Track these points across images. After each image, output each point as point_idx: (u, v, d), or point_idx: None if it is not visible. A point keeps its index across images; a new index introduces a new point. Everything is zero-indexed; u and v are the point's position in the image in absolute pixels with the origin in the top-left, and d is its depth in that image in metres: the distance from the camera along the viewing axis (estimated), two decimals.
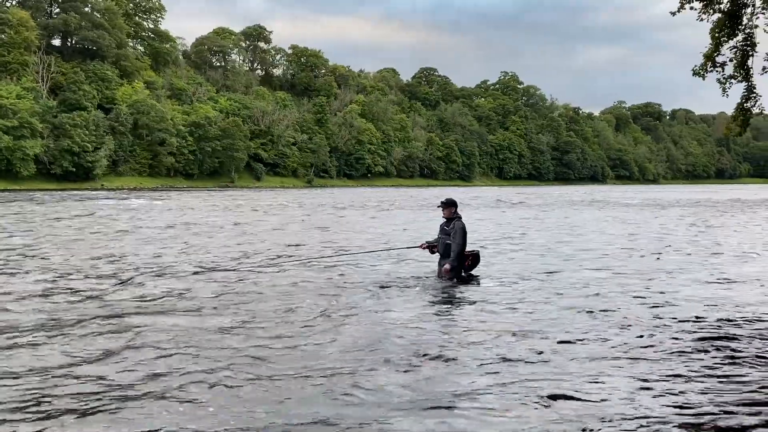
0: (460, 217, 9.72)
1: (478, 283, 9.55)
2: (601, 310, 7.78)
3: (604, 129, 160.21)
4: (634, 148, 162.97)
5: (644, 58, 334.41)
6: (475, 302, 8.25)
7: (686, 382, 5.20)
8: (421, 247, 10.08)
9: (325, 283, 9.50)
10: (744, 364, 5.68)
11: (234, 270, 10.74)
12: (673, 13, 12.09)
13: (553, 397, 4.78)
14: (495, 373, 5.35)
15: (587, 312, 7.70)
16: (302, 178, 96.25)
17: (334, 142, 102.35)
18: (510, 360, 5.69)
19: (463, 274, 9.70)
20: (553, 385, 5.04)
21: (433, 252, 9.99)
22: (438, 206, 9.97)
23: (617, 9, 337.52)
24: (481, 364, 5.56)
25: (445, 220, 9.75)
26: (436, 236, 9.94)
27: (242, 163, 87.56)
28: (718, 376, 5.33)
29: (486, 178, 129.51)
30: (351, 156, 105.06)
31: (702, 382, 5.19)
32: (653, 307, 8.10)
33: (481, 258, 10.19)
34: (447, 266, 9.49)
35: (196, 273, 10.39)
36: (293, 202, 39.58)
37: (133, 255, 12.67)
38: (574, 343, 6.31)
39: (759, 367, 5.60)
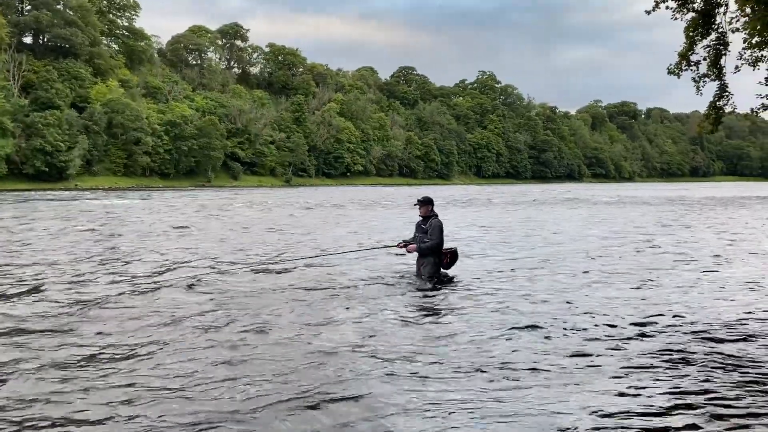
0: (437, 215, 9.67)
1: (456, 282, 9.50)
2: (581, 312, 7.78)
3: (580, 128, 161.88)
4: (610, 146, 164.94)
5: (620, 58, 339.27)
6: (452, 302, 8.18)
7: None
8: (398, 246, 10.00)
9: (300, 285, 9.37)
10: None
11: (211, 274, 10.57)
12: (648, 12, 12.18)
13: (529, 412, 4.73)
14: (468, 379, 5.28)
15: (564, 315, 7.68)
16: (280, 177, 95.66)
17: (312, 140, 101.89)
18: (484, 369, 5.63)
19: (441, 272, 9.65)
20: (534, 397, 4.99)
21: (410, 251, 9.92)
22: (414, 204, 9.91)
23: (594, 9, 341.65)
24: (455, 372, 5.49)
25: (421, 218, 9.69)
26: (413, 235, 9.87)
27: (219, 163, 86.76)
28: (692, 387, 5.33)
29: (464, 177, 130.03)
30: (330, 155, 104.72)
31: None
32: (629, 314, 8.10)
33: (459, 256, 10.13)
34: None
35: (191, 280, 10.20)
36: (273, 202, 39.27)
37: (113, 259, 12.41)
38: (555, 348, 6.28)
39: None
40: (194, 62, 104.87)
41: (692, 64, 12.54)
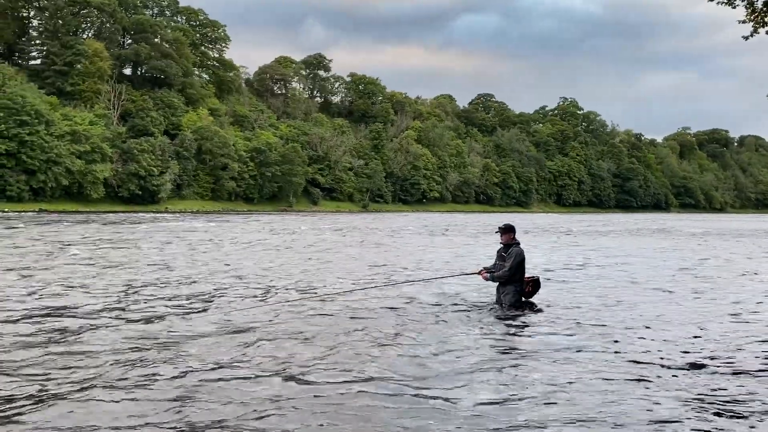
0: (519, 243, 9.52)
1: (538, 311, 9.29)
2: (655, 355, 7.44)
3: (667, 156, 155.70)
4: (699, 175, 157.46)
5: (710, 84, 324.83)
6: (533, 333, 8.01)
7: None
8: (479, 273, 9.90)
9: (382, 311, 9.42)
10: None
11: (274, 303, 10.83)
12: (746, 38, 11.65)
13: None
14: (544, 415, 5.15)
15: (647, 348, 7.37)
16: (358, 202, 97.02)
17: (389, 167, 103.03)
18: (563, 402, 5.47)
19: (523, 300, 9.47)
20: None
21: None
22: (496, 232, 9.80)
23: (681, 35, 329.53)
24: (533, 404, 5.36)
25: (502, 245, 9.57)
26: (494, 262, 9.76)
27: (300, 188, 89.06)
28: None
29: (544, 205, 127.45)
30: (406, 181, 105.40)
31: None
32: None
33: (541, 284, 9.91)
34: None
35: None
36: (381, 225, 39.80)
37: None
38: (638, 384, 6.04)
39: None
40: (279, 92, 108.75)
41: None
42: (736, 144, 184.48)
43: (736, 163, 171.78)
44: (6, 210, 55.15)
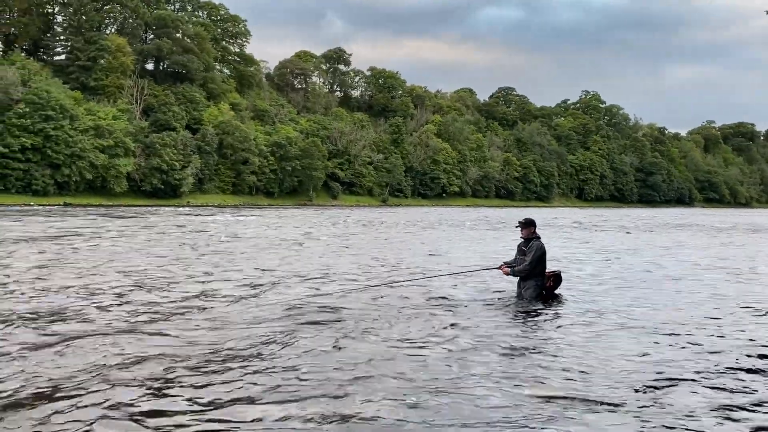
0: (539, 237, 9.46)
1: (560, 305, 9.22)
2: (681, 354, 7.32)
3: (691, 150, 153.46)
4: (724, 169, 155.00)
5: (736, 77, 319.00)
6: (555, 327, 7.95)
7: None
8: (499, 267, 9.85)
9: (403, 304, 9.41)
10: None
11: (325, 295, 10.86)
12: None
13: None
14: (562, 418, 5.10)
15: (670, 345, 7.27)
16: (377, 197, 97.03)
17: (409, 161, 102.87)
18: (582, 401, 5.42)
19: (544, 294, 9.40)
20: None
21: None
22: (516, 226, 9.75)
23: (707, 26, 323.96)
24: (549, 400, 5.32)
25: (523, 240, 9.51)
26: (515, 257, 9.70)
27: (320, 182, 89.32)
28: None
29: (565, 199, 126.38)
30: (426, 175, 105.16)
31: None
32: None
33: (563, 279, 9.83)
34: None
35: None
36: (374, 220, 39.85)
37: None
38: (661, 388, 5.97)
39: None
40: (299, 86, 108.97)
41: None
42: (762, 138, 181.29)
43: (763, 157, 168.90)
44: (32, 203, 56.08)
